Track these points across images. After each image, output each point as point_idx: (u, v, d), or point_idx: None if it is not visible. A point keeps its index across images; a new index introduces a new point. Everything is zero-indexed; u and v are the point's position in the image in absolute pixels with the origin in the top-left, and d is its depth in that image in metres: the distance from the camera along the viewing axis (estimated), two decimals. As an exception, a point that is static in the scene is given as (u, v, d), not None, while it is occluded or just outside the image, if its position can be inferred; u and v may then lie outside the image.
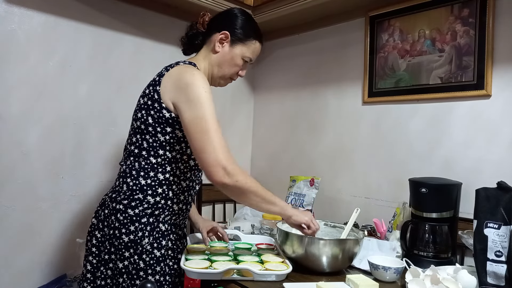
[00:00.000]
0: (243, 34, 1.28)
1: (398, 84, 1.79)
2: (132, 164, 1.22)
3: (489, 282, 1.11)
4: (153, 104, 1.18)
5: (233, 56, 1.28)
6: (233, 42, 1.27)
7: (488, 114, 1.54)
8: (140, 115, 1.21)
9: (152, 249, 1.18)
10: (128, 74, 1.97)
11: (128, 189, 1.19)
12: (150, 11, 2.04)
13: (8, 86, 1.62)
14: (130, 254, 1.15)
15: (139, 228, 1.17)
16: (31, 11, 1.67)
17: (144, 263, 1.16)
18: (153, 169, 1.19)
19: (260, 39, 1.32)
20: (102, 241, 1.21)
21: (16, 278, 1.67)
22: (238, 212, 2.04)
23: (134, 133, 1.23)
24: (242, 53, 1.29)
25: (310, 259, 1.23)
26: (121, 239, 1.16)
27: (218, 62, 1.29)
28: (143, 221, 1.17)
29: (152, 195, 1.19)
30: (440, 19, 1.66)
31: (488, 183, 1.22)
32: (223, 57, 1.28)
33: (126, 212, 1.17)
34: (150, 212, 1.19)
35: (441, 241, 1.39)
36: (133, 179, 1.19)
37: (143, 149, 1.20)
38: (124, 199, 1.18)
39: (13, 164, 1.65)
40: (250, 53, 1.31)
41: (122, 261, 1.16)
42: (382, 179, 1.85)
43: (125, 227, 1.16)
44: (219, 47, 1.27)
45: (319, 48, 2.18)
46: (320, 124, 2.15)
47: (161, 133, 1.18)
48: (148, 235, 1.18)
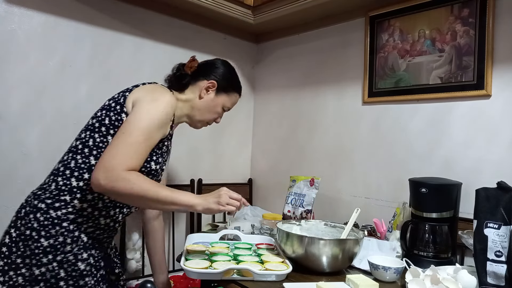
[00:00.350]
0: (228, 85, 1.37)
1: (398, 84, 1.79)
2: (67, 161, 1.16)
3: (489, 282, 1.11)
4: (115, 107, 1.18)
5: (215, 104, 1.35)
6: (218, 91, 1.35)
7: (488, 114, 1.54)
8: (99, 114, 1.20)
9: (75, 260, 1.08)
10: (128, 74, 1.97)
11: (56, 188, 1.12)
12: (150, 11, 2.04)
13: (8, 86, 1.62)
14: (49, 260, 1.05)
15: (60, 232, 1.08)
16: (31, 11, 1.67)
17: (66, 273, 1.07)
18: (89, 171, 1.12)
19: (240, 92, 1.43)
20: (16, 241, 1.08)
21: (16, 278, 1.67)
22: (238, 212, 2.04)
23: (86, 129, 1.20)
24: (223, 103, 1.37)
25: (310, 259, 1.23)
26: (39, 243, 1.06)
27: (201, 107, 1.34)
28: (64, 225, 1.09)
29: (80, 199, 1.12)
30: (440, 19, 1.66)
31: (488, 183, 1.22)
32: (207, 103, 1.34)
33: (47, 212, 1.09)
34: (73, 218, 1.11)
35: (441, 241, 1.39)
36: (64, 178, 1.13)
37: (87, 146, 1.16)
38: (48, 198, 1.11)
39: (14, 164, 1.65)
40: (230, 103, 1.40)
41: (39, 267, 1.05)
42: (382, 179, 1.85)
43: (45, 229, 1.07)
44: (205, 94, 1.33)
45: (319, 48, 2.18)
46: (320, 124, 2.15)
47: (112, 135, 1.15)
48: (70, 242, 1.09)
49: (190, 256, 1.27)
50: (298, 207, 1.81)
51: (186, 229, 2.25)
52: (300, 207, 1.81)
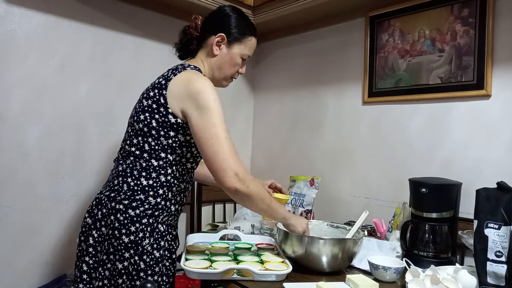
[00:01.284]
0: (239, 33, 1.28)
1: (398, 84, 1.79)
2: (133, 164, 1.21)
3: (489, 282, 1.11)
4: (159, 108, 1.18)
5: (232, 56, 1.29)
6: (230, 43, 1.28)
7: (488, 114, 1.54)
8: (143, 117, 1.21)
9: (152, 249, 1.17)
10: (128, 74, 1.97)
11: (129, 189, 1.18)
12: (150, 11, 2.04)
13: (8, 86, 1.62)
14: (130, 255, 1.14)
15: (140, 229, 1.16)
16: (31, 11, 1.67)
17: (145, 263, 1.15)
18: (155, 170, 1.19)
19: (255, 34, 1.33)
20: (100, 241, 1.18)
21: (16, 278, 1.67)
22: (238, 212, 2.04)
23: (135, 135, 1.22)
24: (240, 52, 1.30)
25: (310, 258, 1.23)
26: (121, 240, 1.14)
27: (218, 65, 1.29)
28: (143, 221, 1.17)
29: (153, 196, 1.19)
30: (440, 19, 1.66)
31: (488, 183, 1.22)
32: (222, 59, 1.29)
33: (126, 212, 1.16)
34: (151, 213, 1.18)
35: (441, 241, 1.39)
36: (135, 179, 1.19)
37: (145, 151, 1.20)
38: (125, 199, 1.17)
39: (13, 164, 1.65)
40: (248, 50, 1.31)
41: (122, 262, 1.14)
42: (382, 179, 1.85)
43: (126, 227, 1.15)
44: (217, 50, 1.28)
45: (319, 48, 2.18)
46: (320, 124, 2.15)
47: (164, 137, 1.19)
48: (148, 236, 1.17)
49: (190, 256, 1.27)
50: (298, 207, 1.81)
51: (186, 229, 2.25)
52: (300, 207, 1.80)
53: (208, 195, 2.24)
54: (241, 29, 1.28)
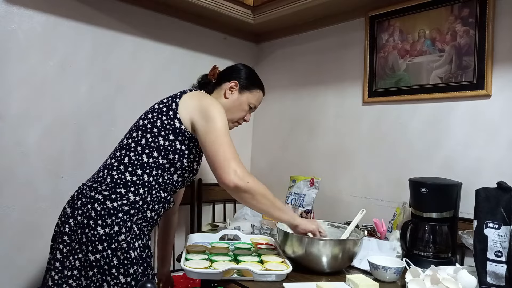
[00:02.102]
0: (249, 83, 1.46)
1: (398, 84, 1.79)
2: (121, 157, 1.25)
3: (489, 282, 1.11)
4: (168, 112, 1.28)
5: (241, 102, 1.45)
6: (241, 90, 1.45)
7: (488, 114, 1.54)
8: (151, 116, 1.30)
9: (128, 248, 1.15)
10: (128, 74, 1.97)
11: (112, 182, 1.21)
12: (150, 11, 2.04)
13: (8, 86, 1.62)
14: (104, 247, 1.13)
15: (116, 222, 1.15)
16: (31, 11, 1.67)
17: (118, 260, 1.14)
18: (141, 167, 1.23)
19: (263, 89, 1.52)
20: (74, 230, 1.17)
21: (16, 278, 1.67)
22: (238, 212, 2.04)
23: (136, 129, 1.29)
24: (248, 100, 1.46)
25: (310, 259, 1.23)
26: (95, 231, 1.13)
27: (228, 107, 1.41)
28: (119, 215, 1.16)
29: (133, 193, 1.21)
30: (440, 19, 1.66)
31: (488, 183, 1.22)
32: (233, 102, 1.44)
33: (104, 203, 1.16)
34: (126, 210, 1.18)
35: (441, 241, 1.40)
36: (120, 172, 1.22)
37: (139, 145, 1.25)
38: (105, 190, 1.19)
39: (13, 164, 1.65)
40: (255, 100, 1.49)
41: (94, 254, 1.13)
42: (382, 179, 1.85)
43: (102, 218, 1.14)
44: (229, 94, 1.44)
45: (319, 48, 2.18)
46: (320, 124, 2.15)
47: (163, 137, 1.25)
48: (125, 231, 1.16)
49: (190, 256, 1.27)
50: (298, 207, 1.81)
51: (186, 229, 2.25)
52: (300, 207, 1.80)
53: (208, 195, 2.24)
54: (251, 81, 1.47)
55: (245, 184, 1.18)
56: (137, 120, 1.34)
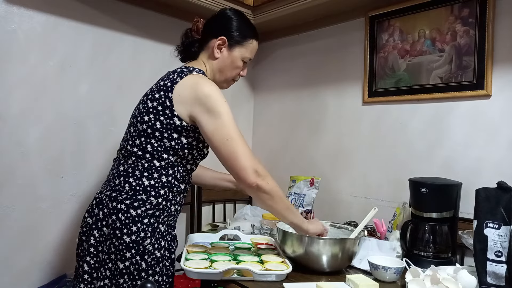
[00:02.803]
0: (240, 36, 1.29)
1: (398, 84, 1.79)
2: (135, 164, 1.21)
3: (489, 282, 1.11)
4: (164, 111, 1.19)
5: (233, 59, 1.30)
6: (231, 46, 1.29)
7: (488, 114, 1.54)
8: (148, 119, 1.21)
9: (153, 249, 1.18)
10: (128, 74, 1.97)
11: (131, 189, 1.18)
12: (150, 11, 2.04)
13: (8, 86, 1.62)
14: (132, 254, 1.14)
15: (141, 229, 1.16)
16: (31, 11, 1.67)
17: (146, 263, 1.16)
18: (156, 171, 1.20)
19: (256, 37, 1.34)
20: (101, 241, 1.19)
21: (16, 278, 1.67)
22: (238, 212, 2.04)
23: (138, 135, 1.23)
24: (241, 55, 1.31)
25: (309, 258, 1.23)
26: (122, 240, 1.14)
27: (219, 68, 1.30)
28: (145, 221, 1.17)
29: (155, 196, 1.19)
30: (440, 19, 1.66)
31: (488, 183, 1.22)
32: (223, 62, 1.30)
33: (128, 212, 1.16)
34: (152, 213, 1.19)
35: (441, 241, 1.39)
36: (136, 179, 1.19)
37: (147, 152, 1.21)
38: (126, 199, 1.17)
39: (13, 164, 1.65)
40: (249, 53, 1.33)
41: (123, 261, 1.14)
42: (382, 179, 1.85)
43: (127, 227, 1.15)
44: (218, 53, 1.28)
45: (319, 48, 2.18)
46: (320, 124, 2.15)
47: (167, 138, 1.20)
48: (150, 235, 1.17)
49: (190, 256, 1.27)
50: (298, 207, 1.81)
51: (186, 229, 2.25)
52: (300, 207, 1.80)
53: (208, 195, 2.24)
54: (242, 32, 1.30)
55: (266, 185, 1.16)
56: (134, 123, 1.26)
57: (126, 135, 1.30)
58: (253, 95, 2.59)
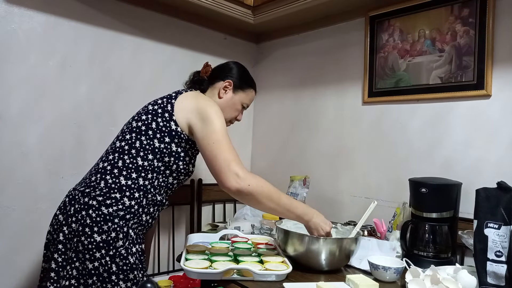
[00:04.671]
0: (243, 83, 1.46)
1: (398, 84, 1.79)
2: (115, 160, 1.21)
3: (489, 282, 1.11)
4: (163, 114, 1.24)
5: (234, 102, 1.44)
6: (235, 90, 1.44)
7: (488, 114, 1.54)
8: (145, 118, 1.25)
9: (126, 254, 1.15)
10: (128, 74, 1.97)
11: (106, 186, 1.17)
12: (150, 11, 2.04)
13: (8, 86, 1.62)
14: (102, 255, 1.11)
15: (112, 228, 1.13)
16: (31, 11, 1.67)
17: (117, 267, 1.13)
18: (136, 170, 1.20)
19: (255, 89, 1.52)
20: (69, 238, 1.15)
21: (16, 278, 1.67)
22: (238, 212, 2.04)
23: (130, 131, 1.25)
24: (241, 100, 1.46)
25: (309, 256, 1.23)
26: (92, 238, 1.11)
27: (222, 107, 1.38)
28: (115, 221, 1.15)
29: (129, 197, 1.18)
30: (440, 19, 1.66)
31: (488, 183, 1.22)
32: (227, 102, 1.43)
33: (99, 209, 1.14)
34: (122, 215, 1.17)
35: (441, 241, 1.39)
36: (114, 177, 1.19)
37: (134, 147, 1.22)
38: (99, 196, 1.16)
39: (13, 164, 1.65)
40: (248, 100, 1.49)
41: (92, 261, 1.11)
42: (382, 179, 1.85)
43: (98, 225, 1.12)
44: (223, 94, 1.42)
45: (319, 48, 2.18)
46: (320, 124, 2.15)
47: (158, 139, 1.22)
48: (122, 237, 1.15)
49: (190, 256, 1.27)
50: None
51: (186, 229, 2.25)
52: None
53: (208, 195, 2.24)
54: (245, 80, 1.47)
55: (247, 188, 1.15)
56: (129, 121, 1.30)
57: (118, 133, 1.32)
58: (253, 95, 2.58)
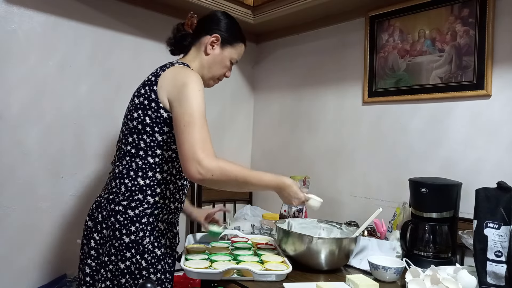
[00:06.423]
0: (232, 37, 1.34)
1: (398, 84, 1.79)
2: (128, 164, 1.21)
3: (489, 282, 1.11)
4: (150, 104, 1.19)
5: (223, 58, 1.33)
6: (223, 45, 1.32)
7: (488, 114, 1.54)
8: (137, 115, 1.21)
9: (153, 248, 1.18)
10: (128, 74, 1.97)
11: (127, 190, 1.19)
12: (150, 11, 2.04)
13: (8, 86, 1.62)
14: (132, 254, 1.15)
15: (140, 228, 1.16)
16: (31, 11, 1.67)
17: (146, 262, 1.16)
18: (151, 168, 1.20)
19: (245, 42, 1.39)
20: (101, 244, 1.19)
21: (16, 278, 1.67)
22: (238, 212, 2.04)
23: (130, 133, 1.23)
24: (230, 55, 1.34)
25: (309, 256, 1.23)
26: (121, 240, 1.15)
27: (209, 64, 1.32)
28: (143, 221, 1.17)
29: (151, 195, 1.19)
30: (440, 19, 1.66)
31: (488, 183, 1.22)
32: (214, 59, 1.32)
33: (126, 213, 1.17)
34: (150, 212, 1.19)
35: (441, 241, 1.39)
36: (131, 179, 1.19)
37: (140, 149, 1.21)
38: (123, 200, 1.18)
39: (13, 164, 1.65)
40: (237, 55, 1.37)
41: (124, 261, 1.15)
42: (382, 179, 1.85)
43: (126, 227, 1.15)
44: (210, 49, 1.31)
45: (319, 48, 2.18)
46: (320, 124, 2.15)
47: (158, 133, 1.20)
48: (149, 234, 1.18)
49: (190, 256, 1.27)
50: (292, 206, 1.81)
51: (186, 229, 2.25)
52: (293, 207, 1.81)
53: (208, 195, 2.24)
54: (234, 34, 1.34)
55: (210, 177, 1.08)
56: (125, 122, 1.27)
57: (120, 135, 1.30)
58: (253, 95, 2.59)
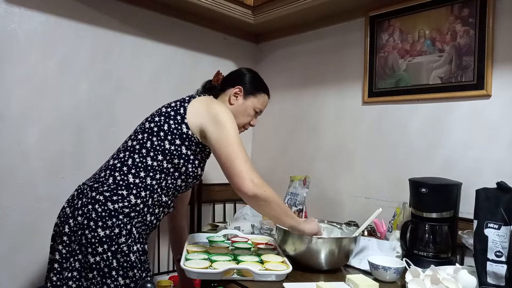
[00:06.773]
0: (254, 88, 1.45)
1: (398, 84, 1.79)
2: (125, 158, 1.24)
3: (489, 282, 1.11)
4: (176, 116, 1.27)
5: (246, 107, 1.44)
6: (246, 96, 1.44)
7: (488, 114, 1.54)
8: (158, 119, 1.29)
9: (128, 251, 1.16)
10: (128, 74, 1.97)
11: (114, 183, 1.20)
12: (150, 11, 2.04)
13: (8, 86, 1.62)
14: (104, 250, 1.13)
15: (116, 224, 1.15)
16: (31, 11, 1.67)
17: (118, 263, 1.14)
18: (145, 170, 1.22)
19: (267, 93, 1.50)
20: (74, 231, 1.17)
21: (16, 277, 1.67)
22: (238, 212, 2.04)
23: (142, 131, 1.28)
24: (253, 105, 1.45)
25: (309, 256, 1.24)
26: (95, 232, 1.13)
27: (233, 113, 1.39)
28: (120, 217, 1.16)
29: (135, 195, 1.20)
30: (440, 19, 1.66)
31: (488, 183, 1.22)
32: (238, 108, 1.43)
33: (105, 204, 1.16)
34: (127, 212, 1.18)
35: (441, 241, 1.40)
36: (122, 174, 1.21)
37: (144, 147, 1.24)
38: (106, 191, 1.18)
39: (13, 164, 1.65)
40: (260, 104, 1.47)
41: (94, 256, 1.13)
42: (382, 179, 1.85)
43: (103, 220, 1.14)
44: (234, 100, 1.43)
45: (319, 48, 2.18)
46: (320, 124, 2.15)
47: (169, 141, 1.25)
48: (125, 234, 1.16)
49: (190, 256, 1.27)
50: (292, 206, 1.82)
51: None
52: (293, 207, 1.81)
53: (208, 195, 2.24)
54: (255, 85, 1.46)
55: (263, 193, 1.20)
56: (143, 122, 1.33)
57: (131, 133, 1.34)
58: (253, 95, 2.58)
